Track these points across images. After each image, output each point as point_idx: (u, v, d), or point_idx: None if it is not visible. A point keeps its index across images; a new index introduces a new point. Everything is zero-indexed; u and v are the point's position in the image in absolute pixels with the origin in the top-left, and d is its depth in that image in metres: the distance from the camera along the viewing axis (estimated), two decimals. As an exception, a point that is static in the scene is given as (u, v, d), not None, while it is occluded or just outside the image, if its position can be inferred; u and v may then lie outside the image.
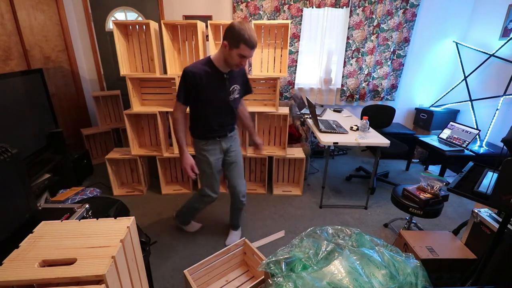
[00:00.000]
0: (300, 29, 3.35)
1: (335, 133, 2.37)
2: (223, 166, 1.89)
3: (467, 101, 3.31)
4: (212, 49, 2.41)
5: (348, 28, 3.36)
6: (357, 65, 3.52)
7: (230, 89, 1.64)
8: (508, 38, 2.82)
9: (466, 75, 3.32)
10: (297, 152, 2.70)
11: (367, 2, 3.24)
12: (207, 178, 1.83)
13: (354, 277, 1.06)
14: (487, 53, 3.05)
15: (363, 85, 3.62)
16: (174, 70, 2.52)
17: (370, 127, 2.50)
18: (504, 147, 1.25)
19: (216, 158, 1.79)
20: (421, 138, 3.02)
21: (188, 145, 1.84)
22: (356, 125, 2.56)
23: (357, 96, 3.67)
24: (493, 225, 1.41)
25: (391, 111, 3.09)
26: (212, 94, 1.60)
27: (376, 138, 2.32)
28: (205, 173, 1.82)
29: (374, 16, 3.29)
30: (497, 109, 2.90)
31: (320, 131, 2.39)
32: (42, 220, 0.92)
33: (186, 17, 3.34)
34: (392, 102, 3.75)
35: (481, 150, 2.75)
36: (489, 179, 1.36)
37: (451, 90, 3.56)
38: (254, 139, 1.95)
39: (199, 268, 1.57)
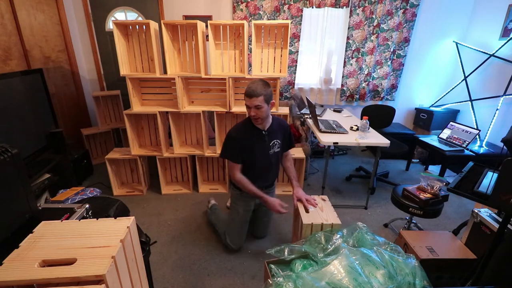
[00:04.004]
0: (300, 29, 3.35)
1: (335, 133, 2.37)
2: (253, 212, 1.98)
3: (467, 101, 3.31)
4: (212, 50, 2.41)
5: (348, 28, 3.36)
6: (357, 65, 3.52)
7: (271, 144, 1.76)
8: (508, 38, 2.82)
9: (466, 75, 3.32)
10: (297, 152, 2.69)
11: (367, 2, 3.24)
12: (233, 228, 1.92)
13: (354, 277, 1.06)
14: (487, 53, 3.05)
15: (363, 85, 3.62)
16: (174, 70, 2.52)
17: (370, 127, 2.50)
18: (504, 147, 1.26)
19: (246, 209, 1.89)
20: (421, 138, 3.02)
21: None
22: (356, 125, 2.56)
23: (357, 96, 3.67)
24: (493, 225, 1.41)
25: (391, 111, 3.09)
26: (254, 151, 1.73)
27: (376, 138, 2.32)
28: (232, 222, 1.92)
29: (374, 16, 3.29)
30: (497, 109, 2.90)
31: (320, 131, 2.39)
32: (42, 220, 0.92)
33: (186, 17, 3.34)
34: (392, 102, 3.75)
35: (481, 150, 2.75)
36: (489, 179, 1.36)
37: (451, 90, 3.56)
38: (294, 193, 1.80)
39: None
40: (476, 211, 1.54)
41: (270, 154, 1.78)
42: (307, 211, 1.64)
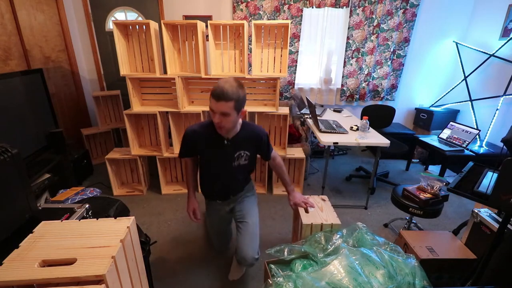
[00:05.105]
0: (300, 29, 3.35)
1: (335, 133, 2.37)
2: (236, 226, 1.69)
3: (467, 101, 3.31)
4: (212, 50, 2.41)
5: (348, 28, 3.36)
6: (357, 65, 3.52)
7: (235, 155, 1.50)
8: (508, 38, 2.82)
9: (466, 75, 3.32)
10: (297, 152, 2.69)
11: (367, 2, 3.24)
12: (212, 237, 1.83)
13: (354, 277, 1.06)
14: (487, 53, 3.05)
15: (363, 85, 3.62)
16: (174, 70, 2.52)
17: (370, 127, 2.50)
18: (504, 147, 1.25)
19: (216, 218, 1.73)
20: (421, 138, 3.02)
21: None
22: (356, 125, 2.56)
23: (357, 96, 3.67)
24: (493, 225, 1.41)
25: (391, 111, 3.09)
26: (211, 158, 1.52)
27: (376, 138, 2.32)
28: (209, 231, 1.81)
29: (374, 16, 3.29)
30: (497, 109, 2.90)
31: (320, 131, 2.39)
32: (42, 220, 0.92)
33: (186, 17, 3.34)
34: (392, 102, 3.75)
35: (481, 150, 2.75)
36: (489, 179, 1.36)
37: (451, 90, 3.56)
38: (290, 199, 1.68)
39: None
40: (476, 211, 1.54)
41: (233, 166, 1.52)
42: (307, 211, 1.64)
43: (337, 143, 2.25)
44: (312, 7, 3.26)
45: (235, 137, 1.47)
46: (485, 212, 1.52)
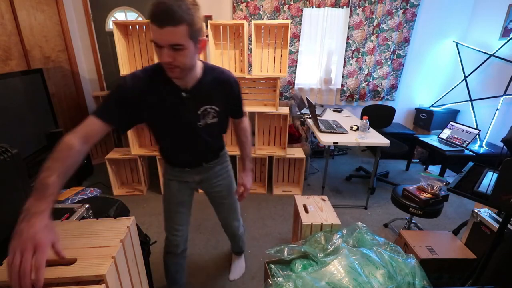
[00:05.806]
0: (300, 29, 3.35)
1: (335, 133, 2.37)
2: (211, 203, 1.48)
3: (467, 101, 3.31)
4: (212, 50, 2.41)
5: (348, 28, 3.36)
6: (357, 65, 3.52)
7: (199, 112, 1.09)
8: (508, 38, 2.82)
9: (466, 75, 3.32)
10: (297, 152, 2.69)
11: (367, 2, 3.24)
12: (164, 211, 1.38)
13: (354, 277, 1.06)
14: (487, 53, 3.05)
15: (363, 85, 3.62)
16: (174, 70, 2.52)
17: (370, 127, 2.50)
18: (504, 147, 1.25)
19: (180, 186, 1.32)
20: (421, 138, 3.02)
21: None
22: (356, 125, 2.56)
23: (357, 96, 3.67)
24: (493, 225, 1.41)
25: (391, 111, 3.09)
26: (165, 121, 1.10)
27: (376, 138, 2.32)
28: (163, 203, 1.38)
29: (374, 16, 3.29)
30: (497, 109, 2.90)
31: (320, 131, 2.39)
32: (42, 220, 0.92)
33: (186, 17, 3.33)
34: (392, 102, 3.75)
35: (481, 150, 2.75)
36: (489, 179, 1.36)
37: (451, 90, 3.56)
38: (241, 176, 1.38)
39: None
40: (476, 211, 1.54)
41: (199, 128, 1.12)
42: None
43: (337, 143, 2.25)
44: (312, 7, 3.26)
45: (196, 85, 1.05)
46: (485, 212, 1.52)
